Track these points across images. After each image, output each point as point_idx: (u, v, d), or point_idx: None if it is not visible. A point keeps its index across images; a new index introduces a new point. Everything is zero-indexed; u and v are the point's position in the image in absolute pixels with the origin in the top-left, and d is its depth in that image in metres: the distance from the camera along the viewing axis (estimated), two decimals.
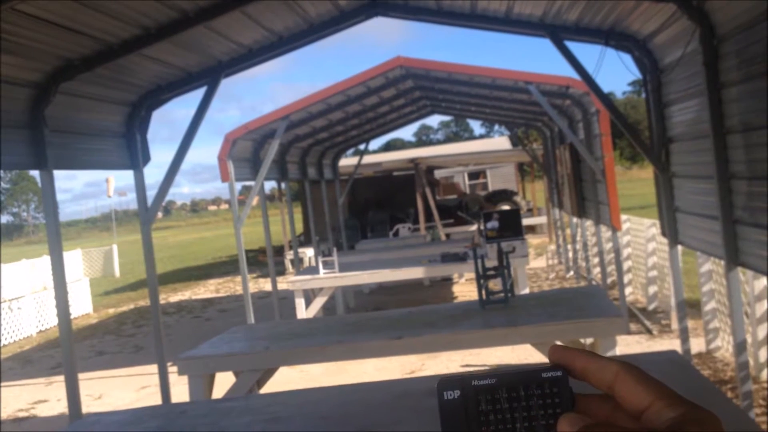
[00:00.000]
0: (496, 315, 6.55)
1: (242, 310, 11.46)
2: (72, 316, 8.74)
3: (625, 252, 12.51)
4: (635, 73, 7.22)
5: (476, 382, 0.68)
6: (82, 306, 19.29)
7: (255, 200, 11.73)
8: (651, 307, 11.02)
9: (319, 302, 11.55)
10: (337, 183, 18.74)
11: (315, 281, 11.42)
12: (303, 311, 11.40)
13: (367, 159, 23.51)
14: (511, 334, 6.05)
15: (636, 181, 49.32)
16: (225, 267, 28.24)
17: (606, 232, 12.71)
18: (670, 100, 6.72)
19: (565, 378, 0.67)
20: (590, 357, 0.67)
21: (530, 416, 0.66)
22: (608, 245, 12.78)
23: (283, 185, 15.86)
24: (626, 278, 12.09)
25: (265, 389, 6.50)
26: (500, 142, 33.40)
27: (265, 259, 17.58)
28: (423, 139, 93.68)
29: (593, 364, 0.66)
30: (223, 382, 6.54)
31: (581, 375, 0.67)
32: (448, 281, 17.20)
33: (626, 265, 12.45)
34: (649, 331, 9.80)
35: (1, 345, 15.73)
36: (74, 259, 29.12)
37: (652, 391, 0.63)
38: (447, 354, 9.61)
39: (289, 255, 22.55)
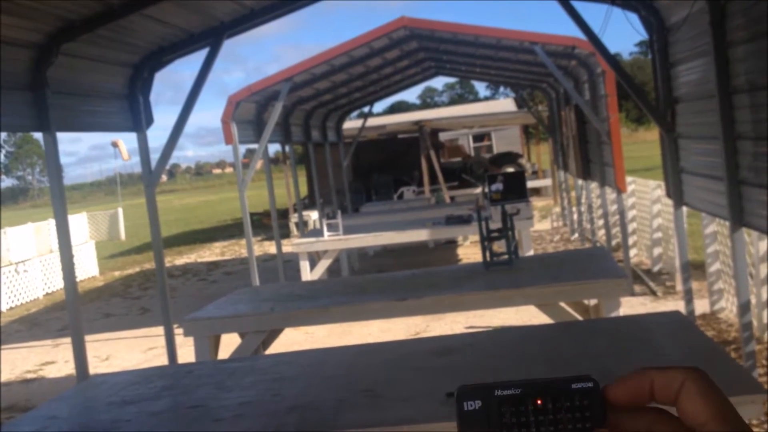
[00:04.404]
0: (500, 277, 6.56)
1: (247, 272, 11.50)
2: (78, 279, 8.79)
3: (630, 214, 12.49)
4: (642, 33, 7.14)
5: (499, 391, 0.64)
6: (89, 269, 19.38)
7: (259, 163, 11.72)
8: (655, 268, 11.04)
9: (323, 265, 11.59)
10: (341, 146, 18.68)
11: (319, 244, 11.45)
12: (308, 274, 11.45)
13: (372, 121, 23.39)
14: (515, 296, 6.07)
15: (642, 143, 49.06)
16: (230, 230, 28.30)
17: (611, 194, 12.67)
18: (677, 60, 6.66)
19: (597, 389, 0.62)
20: (652, 371, 0.62)
21: (558, 430, 0.62)
22: (613, 207, 12.75)
23: (287, 148, 15.81)
24: (631, 240, 12.08)
25: (270, 351, 6.55)
26: (505, 104, 33.18)
27: (269, 222, 17.62)
28: (427, 101, 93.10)
29: (659, 376, 0.61)
30: (229, 344, 6.59)
31: (649, 395, 0.61)
32: (452, 244, 17.22)
33: (631, 227, 12.44)
34: (653, 293, 9.82)
35: (8, 307, 15.85)
36: (80, 222, 29.11)
37: (711, 408, 0.59)
38: (451, 315, 9.65)
39: (294, 218, 22.56)
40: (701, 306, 8.36)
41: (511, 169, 22.54)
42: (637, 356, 3.98)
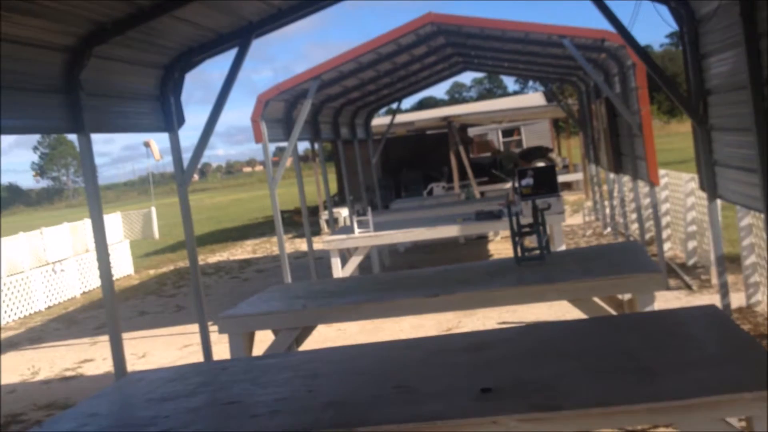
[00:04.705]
0: (532, 272, 6.54)
1: (279, 270, 11.58)
2: (114, 278, 8.88)
3: (664, 207, 12.36)
4: (672, 25, 7.07)
5: None
6: (124, 267, 19.63)
7: (289, 161, 11.78)
8: (690, 262, 10.92)
9: (354, 261, 11.62)
10: (370, 143, 18.70)
11: (350, 241, 11.48)
12: (339, 270, 11.49)
13: (400, 118, 23.40)
14: (547, 291, 6.05)
15: (674, 135, 48.50)
16: (261, 228, 28.48)
17: (644, 188, 12.56)
18: (708, 52, 6.58)
19: None
20: None
21: None
22: (646, 201, 12.63)
23: (316, 146, 15.87)
24: (665, 234, 11.96)
25: (303, 347, 6.59)
26: (534, 98, 32.98)
27: (300, 220, 17.71)
28: (456, 96, 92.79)
29: None
30: (263, 341, 6.65)
31: None
32: (483, 239, 17.17)
33: (664, 220, 12.32)
34: (688, 287, 9.72)
35: (46, 306, 16.11)
36: (114, 222, 29.53)
37: None
38: (483, 311, 9.63)
39: (324, 215, 22.64)
40: (737, 299, 8.26)
41: (541, 164, 22.43)
42: (672, 351, 3.95)
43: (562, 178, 22.17)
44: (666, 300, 8.94)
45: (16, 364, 11.03)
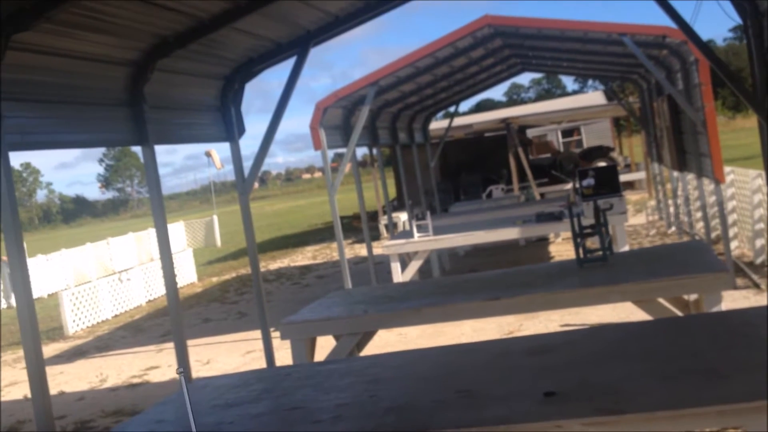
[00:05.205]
0: (594, 273, 6.45)
1: (339, 275, 11.65)
2: (178, 286, 9.04)
3: (730, 205, 12.07)
4: (735, 19, 6.90)
5: None
6: (188, 275, 19.99)
7: (347, 167, 11.85)
8: (758, 260, 10.63)
9: (414, 266, 11.62)
10: (428, 146, 18.69)
11: (410, 245, 11.49)
12: (399, 275, 11.50)
13: (458, 121, 23.29)
14: (610, 293, 5.96)
15: (740, 130, 47.28)
16: (321, 234, 28.70)
17: (709, 185, 12.27)
18: None
19: None
20: None
21: None
22: (711, 198, 12.34)
23: (374, 151, 15.93)
24: (731, 232, 11.67)
25: (365, 352, 6.62)
26: (594, 97, 32.51)
27: (359, 225, 17.79)
28: (514, 98, 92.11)
29: None
30: (325, 346, 6.69)
31: None
32: (543, 241, 17.00)
33: (731, 218, 12.02)
34: (756, 286, 9.47)
35: (113, 315, 16.51)
36: (178, 231, 30.16)
37: None
38: (545, 314, 9.54)
39: (383, 220, 22.70)
40: None
41: (602, 164, 22.11)
42: (740, 352, 3.85)
43: (623, 178, 21.82)
44: (734, 299, 8.72)
45: (84, 372, 11.32)
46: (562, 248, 15.45)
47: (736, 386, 3.33)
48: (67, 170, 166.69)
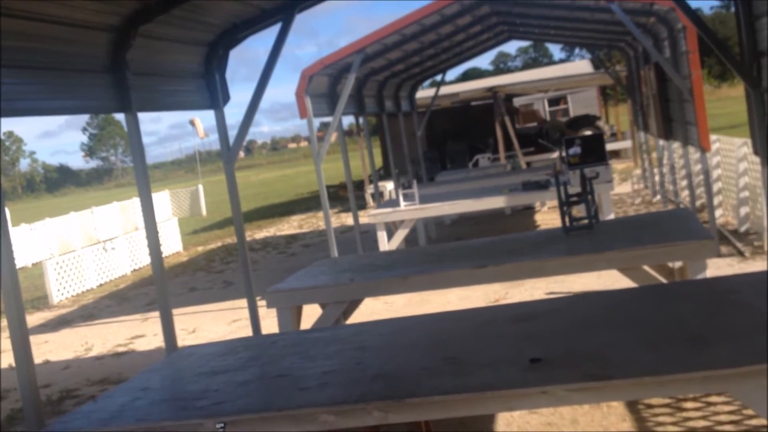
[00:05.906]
0: (580, 241, 6.47)
1: (325, 244, 11.63)
2: (163, 255, 9.03)
3: (715, 173, 12.11)
4: None
5: None
6: (173, 245, 19.93)
7: (333, 136, 11.78)
8: (742, 228, 10.69)
9: (400, 235, 11.62)
10: (415, 115, 18.62)
11: (396, 214, 11.48)
12: (385, 244, 11.50)
13: (444, 90, 23.23)
14: (596, 260, 5.98)
15: (725, 99, 47.35)
16: (307, 203, 28.64)
17: (694, 154, 12.30)
18: (761, 12, 6.37)
19: None
20: None
21: None
22: (697, 167, 12.37)
23: (360, 120, 15.86)
24: (716, 200, 11.71)
25: (351, 320, 6.62)
26: (581, 65, 32.44)
27: (345, 194, 17.76)
28: (501, 66, 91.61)
29: None
30: (311, 314, 6.69)
31: None
32: (529, 210, 17.03)
33: (716, 186, 12.06)
34: (740, 253, 9.53)
35: (98, 284, 16.46)
36: (163, 200, 30.01)
37: None
38: (531, 282, 9.57)
39: (370, 189, 22.68)
40: None
41: (588, 132, 22.13)
42: (725, 319, 3.87)
43: (610, 147, 21.83)
44: (718, 267, 8.78)
45: (69, 341, 11.30)
46: (548, 217, 15.48)
47: (721, 352, 3.35)
48: (51, 139, 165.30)
